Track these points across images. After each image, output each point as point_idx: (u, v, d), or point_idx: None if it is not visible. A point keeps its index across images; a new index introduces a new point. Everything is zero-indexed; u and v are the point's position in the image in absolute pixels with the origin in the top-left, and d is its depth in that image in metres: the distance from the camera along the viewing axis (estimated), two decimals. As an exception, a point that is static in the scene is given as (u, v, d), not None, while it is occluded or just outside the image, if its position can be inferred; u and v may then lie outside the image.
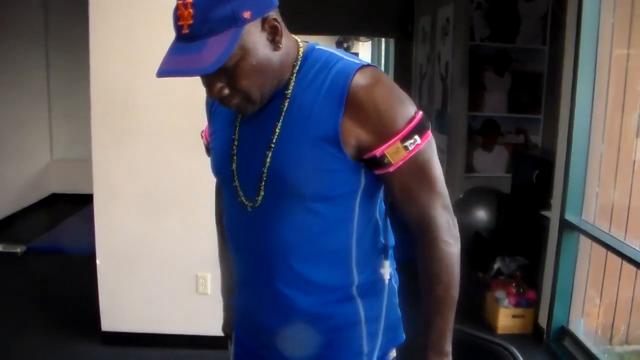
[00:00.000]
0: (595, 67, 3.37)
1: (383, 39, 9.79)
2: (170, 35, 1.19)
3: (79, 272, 4.11)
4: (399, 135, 1.24)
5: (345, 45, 11.21)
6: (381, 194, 1.39)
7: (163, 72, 1.15)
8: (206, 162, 3.21)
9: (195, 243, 3.39)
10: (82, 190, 4.92)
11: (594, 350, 3.37)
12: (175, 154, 3.37)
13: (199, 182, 3.32)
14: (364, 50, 11.95)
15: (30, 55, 6.45)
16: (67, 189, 6.79)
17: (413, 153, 1.25)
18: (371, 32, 8.91)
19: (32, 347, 3.53)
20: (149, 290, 3.51)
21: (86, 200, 4.08)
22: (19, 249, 5.15)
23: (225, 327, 1.70)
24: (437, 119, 5.97)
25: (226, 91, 1.22)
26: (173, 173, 3.39)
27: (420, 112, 1.27)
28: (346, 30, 8.46)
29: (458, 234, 1.33)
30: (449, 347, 1.34)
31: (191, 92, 3.19)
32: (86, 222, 3.89)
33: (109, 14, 3.27)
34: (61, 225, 5.98)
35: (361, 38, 11.12)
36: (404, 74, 7.59)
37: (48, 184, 6.93)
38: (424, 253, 1.31)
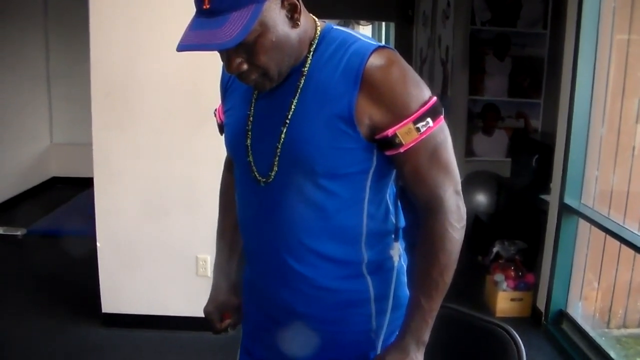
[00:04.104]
0: (596, 52, 3.36)
1: (383, 23, 9.75)
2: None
3: (79, 254, 4.12)
4: (412, 117, 1.24)
5: (345, 29, 11.15)
6: (392, 176, 1.39)
7: (184, 46, 1.16)
8: (206, 144, 3.22)
9: (196, 225, 3.40)
10: (82, 173, 4.92)
11: (592, 333, 3.39)
12: (175, 136, 3.37)
13: (199, 164, 3.34)
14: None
15: (29, 38, 6.42)
16: (67, 172, 6.79)
17: (425, 135, 1.25)
18: (372, 16, 8.87)
19: (33, 329, 3.55)
20: (149, 272, 3.52)
21: (86, 183, 4.08)
22: (19, 232, 5.17)
23: (208, 306, 1.65)
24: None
25: (245, 66, 1.23)
26: (173, 155, 3.39)
27: (435, 97, 1.28)
28: (347, 14, 8.41)
29: (465, 222, 1.33)
30: (427, 337, 1.33)
31: (192, 74, 3.22)
32: (86, 205, 3.90)
33: (108, -4, 3.26)
34: (61, 208, 5.99)
35: (361, 22, 11.06)
36: (404, 58, 7.56)
37: (48, 167, 6.92)
38: (428, 233, 1.31)
